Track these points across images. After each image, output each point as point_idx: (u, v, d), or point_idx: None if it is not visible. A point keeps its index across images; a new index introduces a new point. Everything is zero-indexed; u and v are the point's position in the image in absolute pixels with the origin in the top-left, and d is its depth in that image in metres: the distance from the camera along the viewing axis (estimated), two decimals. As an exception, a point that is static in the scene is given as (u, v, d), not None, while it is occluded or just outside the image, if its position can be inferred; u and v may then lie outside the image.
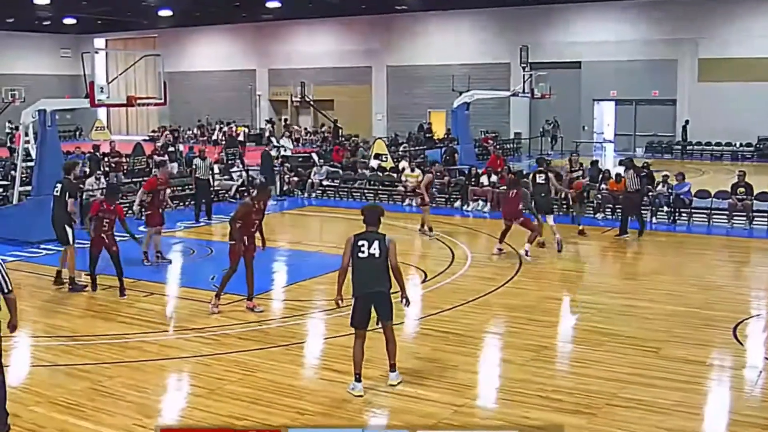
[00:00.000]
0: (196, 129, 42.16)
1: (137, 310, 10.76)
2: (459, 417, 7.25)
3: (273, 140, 28.55)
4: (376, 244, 7.74)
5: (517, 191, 14.13)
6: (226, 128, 38.66)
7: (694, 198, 17.71)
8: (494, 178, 19.72)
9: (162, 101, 16.03)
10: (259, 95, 43.36)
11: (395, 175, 22.04)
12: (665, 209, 17.57)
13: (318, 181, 22.37)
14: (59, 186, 12.03)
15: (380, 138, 30.64)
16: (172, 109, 40.53)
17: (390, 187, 21.57)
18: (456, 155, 26.66)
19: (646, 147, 34.11)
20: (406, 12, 38.39)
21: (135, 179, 20.10)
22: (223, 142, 32.09)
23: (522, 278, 12.61)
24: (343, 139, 32.09)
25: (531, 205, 14.78)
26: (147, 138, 38.60)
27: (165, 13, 38.09)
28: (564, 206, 18.37)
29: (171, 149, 25.89)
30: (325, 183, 22.43)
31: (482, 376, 8.52)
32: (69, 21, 41.19)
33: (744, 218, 17.12)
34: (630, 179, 15.82)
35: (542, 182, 16.91)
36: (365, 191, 21.79)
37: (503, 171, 20.01)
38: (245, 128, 38.55)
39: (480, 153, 30.17)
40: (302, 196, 22.29)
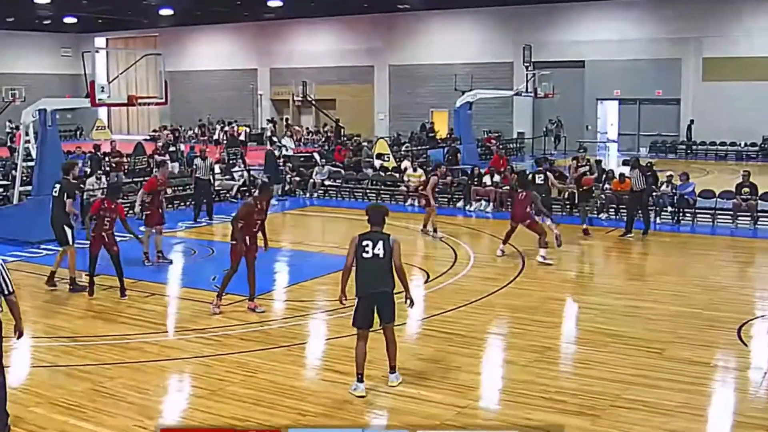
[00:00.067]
0: (197, 128, 42.15)
1: (138, 311, 10.73)
2: (462, 418, 7.20)
3: (274, 140, 28.42)
4: (381, 245, 7.71)
5: (527, 193, 13.95)
6: (228, 128, 38.63)
7: (699, 198, 17.66)
8: (497, 178, 19.67)
9: (163, 101, 16.00)
10: (261, 95, 43.29)
11: (397, 175, 22.01)
12: (669, 209, 17.51)
13: (320, 181, 22.32)
14: (58, 186, 12.00)
15: (382, 138, 30.64)
16: (173, 109, 40.52)
17: (392, 187, 21.52)
18: (459, 155, 26.58)
19: (650, 147, 34.08)
20: (409, 11, 38.33)
21: (136, 179, 20.07)
22: (225, 142, 32.03)
23: (525, 279, 12.56)
24: (345, 139, 32.03)
25: (541, 206, 14.64)
26: (148, 137, 38.53)
27: (166, 12, 38.00)
28: (567, 206, 18.31)
29: (172, 149, 25.85)
30: (327, 183, 22.39)
31: (485, 377, 8.49)
32: (69, 20, 41.11)
33: (748, 218, 17.06)
34: (636, 179, 15.74)
35: (541, 182, 16.89)
36: (367, 191, 21.74)
37: (506, 171, 20.01)
38: (246, 128, 38.50)
39: (483, 153, 30.10)
40: (304, 196, 22.25)
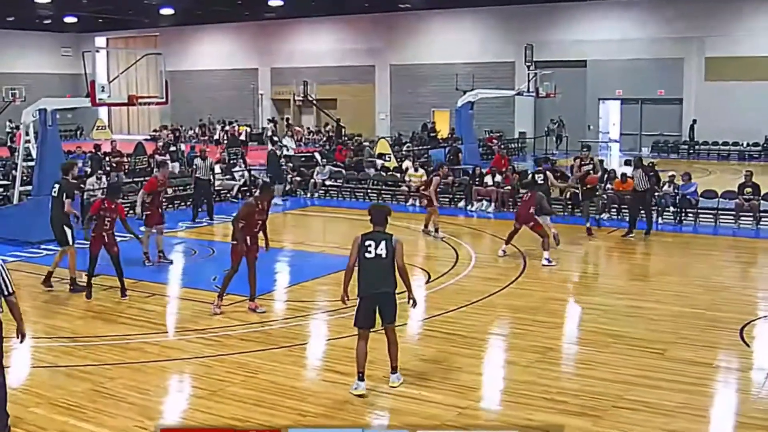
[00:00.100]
0: (198, 128, 42.12)
1: (138, 311, 10.70)
2: (463, 419, 7.18)
3: (275, 139, 28.38)
4: (383, 245, 7.69)
5: (531, 193, 13.87)
6: (228, 128, 38.60)
7: (701, 198, 17.61)
8: (498, 178, 19.62)
9: (163, 100, 15.97)
10: (262, 94, 43.26)
11: (398, 175, 21.98)
12: (671, 209, 17.46)
13: (321, 181, 22.29)
14: (57, 186, 11.97)
15: (383, 137, 30.61)
16: (174, 109, 40.53)
17: (393, 187, 21.49)
18: (460, 155, 26.55)
19: (652, 146, 34.00)
20: (410, 10, 38.29)
21: (136, 179, 20.03)
22: (225, 142, 31.99)
23: (526, 279, 12.53)
24: (346, 139, 31.99)
25: (546, 206, 14.56)
26: (148, 137, 38.51)
27: (167, 12, 37.94)
28: (569, 206, 18.26)
29: (172, 149, 25.81)
30: (328, 183, 22.36)
31: (486, 378, 8.46)
32: (70, 19, 41.10)
33: (751, 218, 17.00)
34: (639, 178, 15.67)
35: (541, 182, 16.82)
36: (368, 191, 21.70)
37: (507, 171, 19.94)
38: (247, 127, 38.47)
39: (484, 152, 30.05)
40: (305, 196, 22.21)
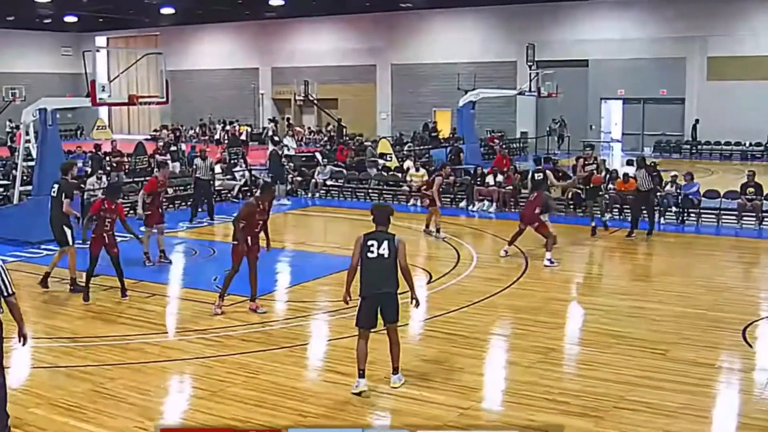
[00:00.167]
0: (198, 128, 42.07)
1: (138, 312, 10.67)
2: (464, 420, 7.16)
3: (276, 139, 28.31)
4: (386, 244, 7.68)
5: (538, 193, 13.73)
6: (229, 127, 38.55)
7: (703, 198, 17.55)
8: (500, 178, 19.57)
9: (164, 100, 15.91)
10: (262, 94, 43.19)
11: (400, 175, 21.94)
12: (673, 209, 17.41)
13: (322, 181, 22.26)
14: (56, 186, 11.93)
15: (384, 137, 30.56)
16: (174, 108, 40.50)
17: (394, 187, 21.45)
18: (461, 155, 26.50)
19: (654, 146, 33.88)
20: (411, 9, 38.22)
21: (137, 179, 20.00)
22: (226, 142, 31.95)
23: (528, 279, 12.50)
24: (347, 139, 31.93)
25: (553, 205, 14.46)
26: (149, 137, 38.48)
27: (167, 11, 37.84)
28: (571, 206, 18.19)
29: (173, 148, 25.77)
30: (329, 183, 22.32)
31: (488, 379, 8.44)
32: (70, 19, 41.03)
33: (753, 219, 16.95)
34: (642, 178, 15.60)
35: (540, 180, 16.73)
36: (369, 191, 21.67)
37: (509, 171, 19.88)
38: (248, 127, 38.42)
39: (486, 152, 29.96)
40: (306, 196, 22.17)
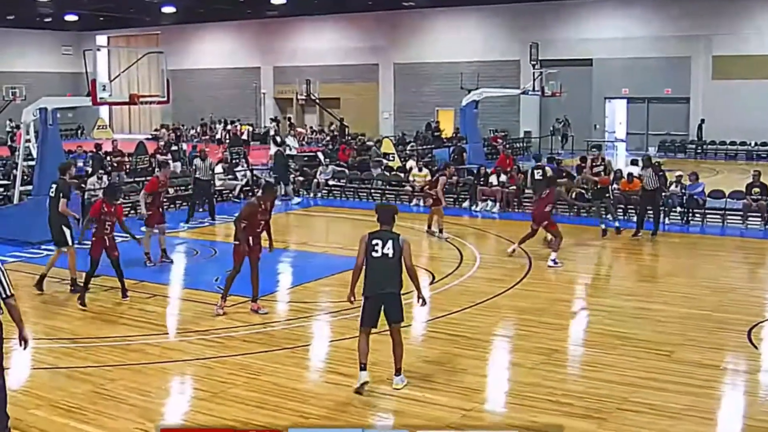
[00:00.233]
0: (199, 127, 42.05)
1: (139, 312, 10.63)
2: (467, 421, 7.12)
3: (277, 139, 28.26)
4: (390, 244, 7.67)
5: (550, 190, 13.52)
6: (230, 126, 38.51)
7: (708, 198, 17.48)
8: (503, 178, 19.50)
9: (165, 99, 15.79)
10: (264, 93, 43.12)
11: (402, 175, 21.87)
12: (678, 210, 17.31)
13: (324, 181, 22.20)
14: (54, 186, 11.85)
15: (387, 137, 30.49)
16: (175, 108, 40.51)
17: (397, 187, 21.38)
18: (464, 154, 26.37)
19: (659, 146, 33.74)
20: (413, 8, 38.17)
21: (138, 178, 19.95)
22: (227, 141, 31.90)
23: (532, 280, 12.43)
24: (349, 138, 31.87)
25: (569, 199, 14.26)
26: (150, 137, 38.42)
27: (168, 10, 37.82)
28: (574, 206, 18.09)
29: (174, 148, 25.72)
30: (331, 183, 22.26)
31: (491, 380, 8.40)
32: (70, 18, 41.04)
33: (759, 219, 16.85)
34: (648, 177, 15.50)
35: (540, 178, 16.64)
36: (372, 191, 21.61)
37: (512, 170, 19.79)
38: (249, 127, 38.35)
39: (489, 152, 29.87)
40: (308, 196, 22.12)
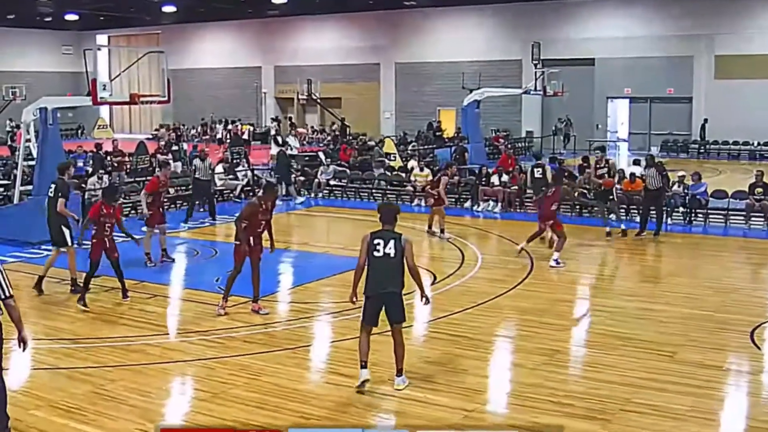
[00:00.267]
0: (200, 127, 42.01)
1: (140, 313, 10.60)
2: (468, 422, 7.10)
3: (279, 138, 28.24)
4: (392, 244, 7.67)
5: (556, 188, 13.45)
6: (231, 126, 38.47)
7: (711, 198, 17.41)
8: (505, 178, 19.45)
9: (166, 99, 15.73)
10: (265, 93, 43.06)
11: (404, 175, 21.83)
12: (681, 210, 17.26)
13: (325, 181, 22.16)
14: (53, 186, 11.80)
15: (389, 136, 30.45)
16: (176, 107, 40.46)
17: (398, 187, 21.34)
18: (466, 154, 26.32)
19: (661, 146, 33.60)
20: (414, 7, 38.12)
21: (138, 178, 19.91)
22: (228, 141, 31.89)
23: (534, 281, 12.39)
24: (351, 138, 31.83)
25: (577, 197, 14.19)
26: (150, 136, 38.39)
27: (169, 9, 37.81)
28: (577, 207, 18.05)
29: (174, 148, 25.69)
30: (332, 183, 22.22)
31: (493, 381, 8.38)
32: (71, 17, 41.04)
33: (762, 219, 16.78)
34: (652, 177, 15.44)
35: (540, 177, 16.56)
36: (373, 191, 21.57)
37: (514, 170, 19.74)
38: (250, 126, 38.33)
39: (491, 152, 29.82)
40: (309, 196, 22.08)
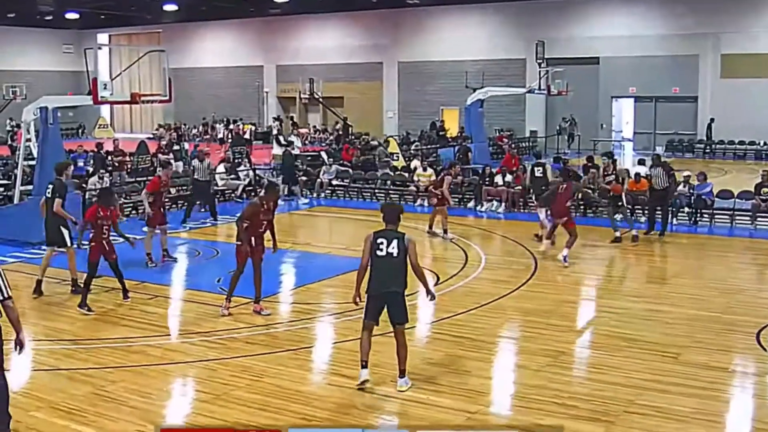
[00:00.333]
0: (201, 127, 41.97)
1: (141, 313, 10.56)
2: (472, 424, 7.06)
3: (280, 138, 28.20)
4: (395, 243, 7.65)
5: (567, 185, 13.34)
6: (233, 126, 38.41)
7: (716, 198, 17.31)
8: (509, 178, 19.37)
9: (167, 98, 15.60)
10: (267, 92, 43.00)
11: (407, 175, 21.77)
12: (686, 210, 17.16)
13: (327, 181, 22.10)
14: (51, 187, 11.71)
15: (392, 136, 30.39)
16: (177, 107, 40.44)
17: (401, 187, 21.27)
18: (469, 154, 26.27)
19: (667, 145, 33.43)
20: (417, 6, 38.04)
21: (139, 178, 19.87)
22: (230, 141, 31.87)
23: (538, 281, 12.32)
24: (353, 138, 31.78)
25: (590, 195, 14.08)
26: (151, 136, 38.39)
27: (170, 8, 37.82)
28: (581, 207, 17.95)
29: (176, 147, 25.66)
30: (335, 183, 22.17)
31: (496, 382, 8.35)
32: (71, 16, 41.06)
33: (768, 219, 16.72)
34: (658, 177, 15.35)
35: (540, 176, 16.45)
36: (376, 191, 21.50)
37: (518, 170, 19.65)
38: (252, 126, 38.28)
39: (494, 152, 29.75)
40: (311, 196, 22.04)
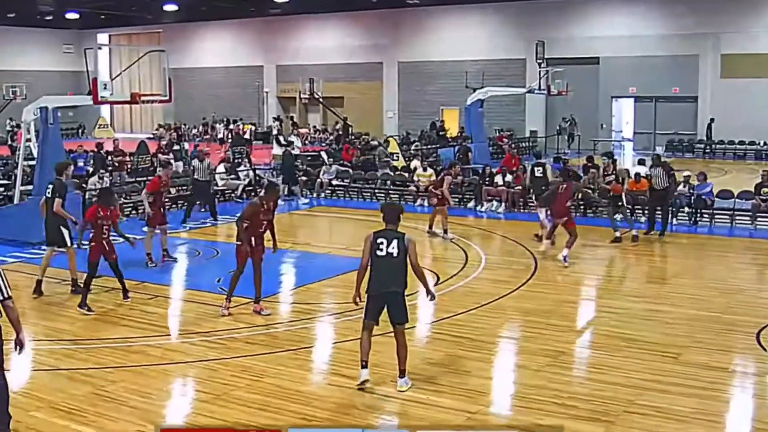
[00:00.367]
0: (201, 126, 41.94)
1: (141, 313, 10.56)
2: (472, 424, 7.06)
3: (280, 138, 28.19)
4: (395, 243, 7.66)
5: (567, 185, 13.36)
6: (233, 126, 38.38)
7: (716, 198, 17.31)
8: (509, 178, 19.36)
9: (167, 98, 15.60)
10: (267, 92, 43.00)
11: (407, 175, 21.76)
12: (686, 210, 17.15)
13: (327, 181, 22.10)
14: (50, 187, 11.71)
15: (392, 136, 30.38)
16: (177, 107, 40.43)
17: (401, 187, 21.27)
18: (469, 154, 26.27)
19: (667, 145, 33.41)
20: (417, 6, 38.04)
21: (139, 178, 19.86)
22: (230, 141, 31.88)
23: (538, 282, 12.32)
24: (353, 138, 31.78)
25: (590, 195, 14.07)
26: (151, 136, 38.37)
27: (170, 8, 37.82)
28: (581, 207, 17.95)
29: (176, 147, 25.66)
30: (335, 183, 22.16)
31: (496, 382, 8.35)
32: (71, 16, 41.05)
33: (768, 219, 16.70)
34: (658, 176, 15.34)
35: (540, 176, 16.44)
36: (376, 191, 21.49)
37: (518, 170, 19.65)
38: (252, 126, 38.28)
39: (494, 152, 29.75)
40: (311, 196, 22.03)
